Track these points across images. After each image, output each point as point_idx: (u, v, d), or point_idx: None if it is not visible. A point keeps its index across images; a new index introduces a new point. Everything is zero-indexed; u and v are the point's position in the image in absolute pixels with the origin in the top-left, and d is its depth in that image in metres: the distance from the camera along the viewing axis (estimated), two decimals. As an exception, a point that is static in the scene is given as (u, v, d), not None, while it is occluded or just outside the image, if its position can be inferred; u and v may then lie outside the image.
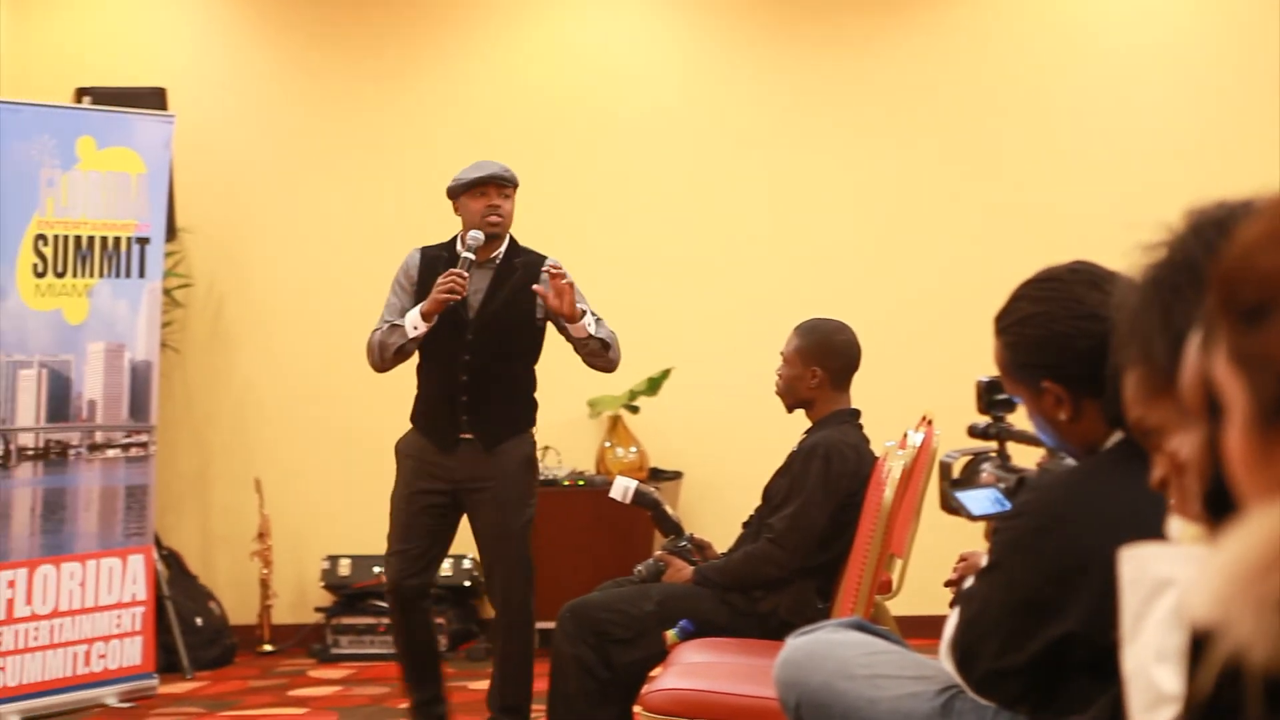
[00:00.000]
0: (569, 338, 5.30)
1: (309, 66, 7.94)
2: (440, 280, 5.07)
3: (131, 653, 6.65)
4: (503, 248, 5.30)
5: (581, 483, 7.30)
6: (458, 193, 5.29)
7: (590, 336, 5.20)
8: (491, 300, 5.24)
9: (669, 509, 5.11)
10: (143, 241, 6.72)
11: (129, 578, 6.66)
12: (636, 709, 4.49)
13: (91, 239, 6.56)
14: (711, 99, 7.78)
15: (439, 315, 5.11)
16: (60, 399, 6.49)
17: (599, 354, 5.28)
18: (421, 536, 5.30)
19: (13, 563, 6.31)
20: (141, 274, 6.72)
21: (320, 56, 7.93)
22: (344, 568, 7.58)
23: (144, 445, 6.77)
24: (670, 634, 4.61)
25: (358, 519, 7.78)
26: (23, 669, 6.29)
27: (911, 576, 4.60)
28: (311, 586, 7.74)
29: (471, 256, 5.14)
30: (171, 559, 7.50)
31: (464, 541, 7.53)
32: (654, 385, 7.43)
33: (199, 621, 7.33)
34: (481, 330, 5.21)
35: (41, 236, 6.42)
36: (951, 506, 3.12)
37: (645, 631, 4.66)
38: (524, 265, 5.29)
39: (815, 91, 7.73)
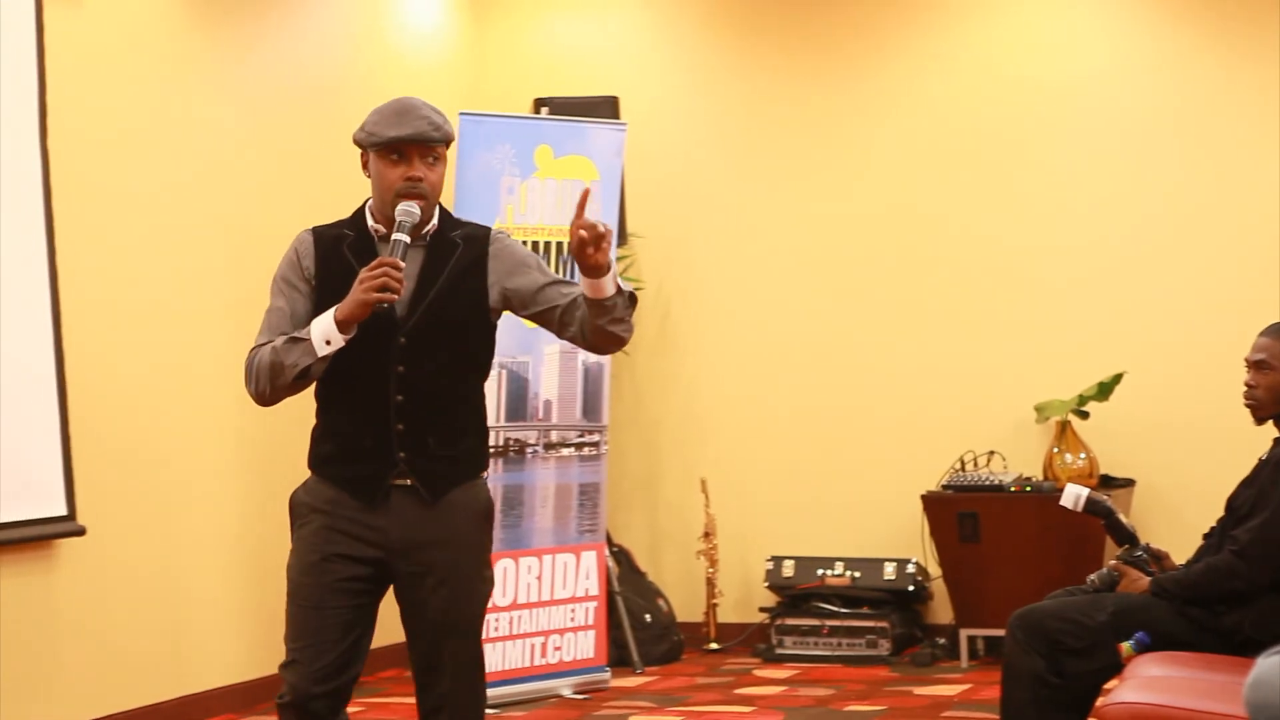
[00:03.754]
0: (542, 312, 3.79)
1: (757, 72, 8.02)
2: (365, 275, 3.62)
3: (585, 646, 6.85)
4: (434, 221, 3.82)
5: (1029, 489, 7.14)
6: (367, 148, 3.79)
7: (619, 291, 3.64)
8: (426, 290, 3.76)
9: (1122, 517, 4.94)
10: (596, 247, 6.90)
11: (582, 573, 6.86)
12: (1091, 720, 4.38)
13: (548, 244, 6.79)
14: (1170, 93, 7.50)
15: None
16: (519, 399, 6.74)
17: (621, 319, 3.68)
18: (334, 628, 3.76)
19: (475, 556, 6.58)
20: (594, 278, 6.90)
21: (769, 63, 8.00)
22: (787, 569, 7.64)
23: (596, 445, 6.97)
24: (1126, 646, 4.46)
25: (801, 521, 7.83)
26: (485, 659, 6.55)
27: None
28: (756, 586, 7.82)
29: (406, 240, 3.69)
30: (622, 556, 7.70)
31: (904, 544, 7.52)
32: (1105, 390, 7.22)
33: (648, 618, 7.51)
34: (418, 332, 3.76)
35: (502, 243, 6.67)
36: None
37: (1099, 643, 4.52)
38: (466, 240, 3.83)
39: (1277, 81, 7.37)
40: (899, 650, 7.38)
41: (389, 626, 3.88)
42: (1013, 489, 7.16)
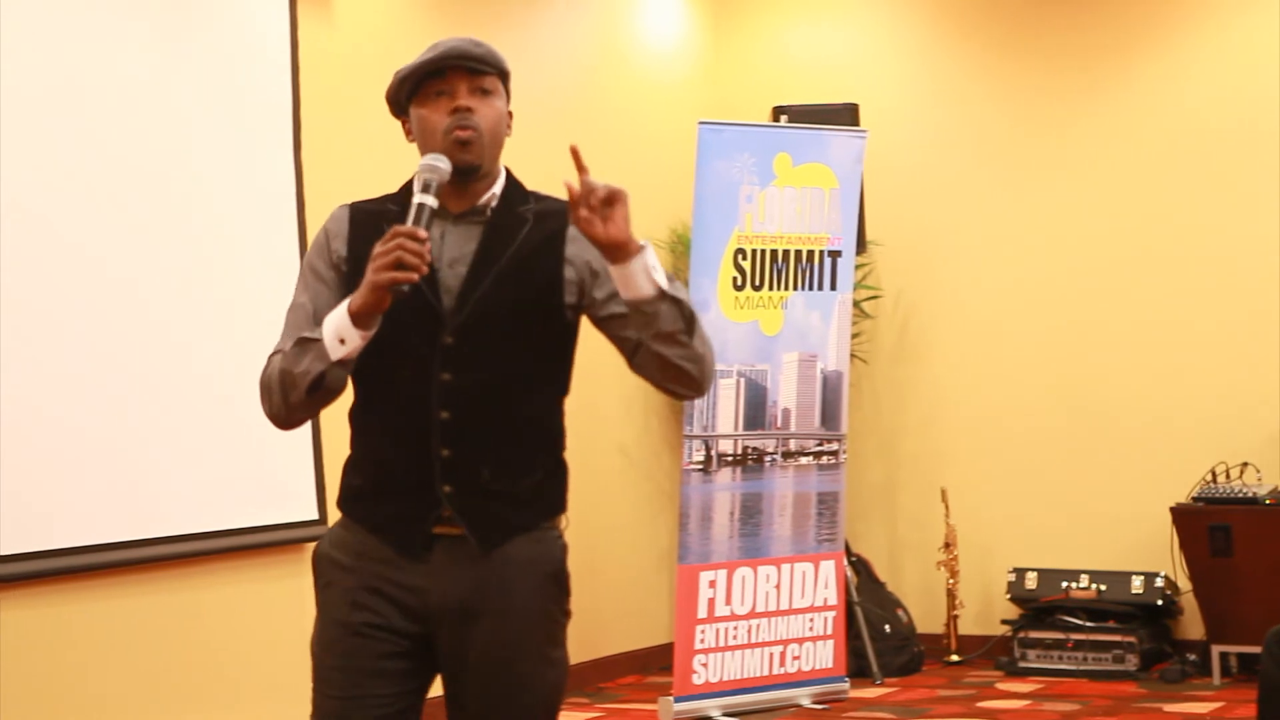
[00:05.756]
0: (607, 320, 2.92)
1: (1000, 81, 7.90)
2: (378, 250, 2.78)
3: (824, 656, 6.81)
4: (496, 188, 2.97)
5: (1285, 501, 6.93)
6: (403, 99, 2.99)
7: (663, 294, 2.79)
8: (481, 276, 2.90)
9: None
10: (834, 254, 6.88)
11: (821, 582, 6.83)
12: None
13: (786, 252, 6.77)
14: None
15: (385, 313, 2.83)
16: (757, 407, 6.74)
17: (678, 340, 2.82)
18: (376, 705, 2.88)
19: (714, 564, 6.60)
20: (833, 286, 6.88)
21: (1010, 68, 7.88)
22: (1030, 581, 7.50)
23: (834, 453, 6.93)
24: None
25: (1044, 532, 7.70)
26: (723, 667, 6.57)
27: None
28: (997, 598, 7.70)
29: (432, 202, 2.82)
30: (860, 565, 7.65)
31: (1152, 557, 7.33)
32: (1365, 399, 6.97)
33: (887, 628, 7.44)
34: (470, 329, 2.89)
35: (741, 251, 6.69)
36: None
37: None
38: (538, 216, 2.97)
39: None
40: (1147, 666, 7.20)
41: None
42: (1268, 502, 6.93)
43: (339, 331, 2.81)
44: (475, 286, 2.89)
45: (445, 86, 2.93)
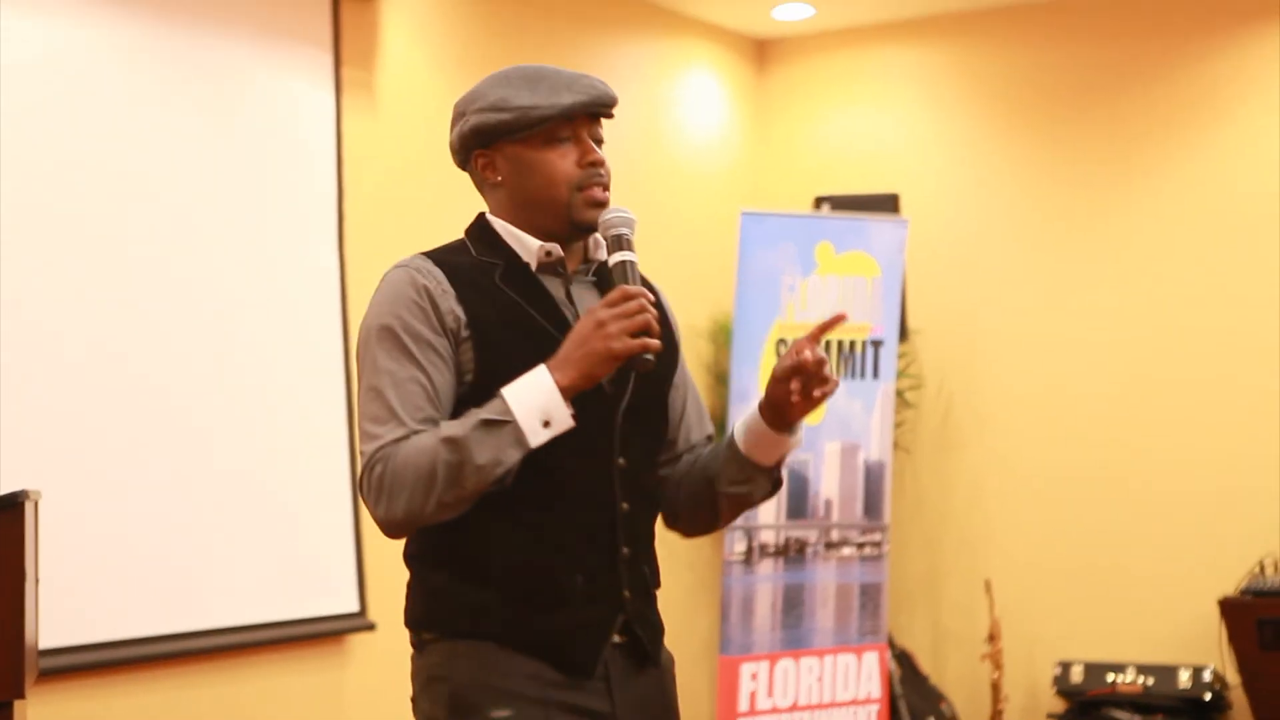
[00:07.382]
0: (679, 452, 2.74)
1: (1040, 170, 7.91)
2: (607, 314, 2.40)
3: (867, 749, 6.75)
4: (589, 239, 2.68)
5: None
6: (515, 134, 2.60)
7: (778, 464, 2.70)
8: None
9: None
10: (876, 344, 6.86)
11: (864, 675, 6.76)
12: None
13: (828, 342, 6.75)
14: None
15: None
16: (799, 497, 6.70)
17: (757, 503, 2.73)
18: None
19: (755, 655, 6.55)
20: (875, 375, 6.86)
21: (1052, 160, 7.88)
22: (1076, 674, 7.41)
23: (877, 544, 6.88)
24: None
25: (1090, 624, 7.61)
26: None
27: None
28: (1043, 691, 7.61)
29: (634, 258, 2.52)
30: (903, 658, 7.58)
31: (1200, 650, 7.23)
32: None
33: (931, 721, 7.36)
34: (637, 406, 2.58)
35: (783, 340, 6.68)
36: None
37: None
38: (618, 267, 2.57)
39: None
40: (1203, 763, 7.10)
41: None
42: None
43: (545, 412, 2.35)
44: (629, 360, 2.44)
45: (571, 131, 2.58)
